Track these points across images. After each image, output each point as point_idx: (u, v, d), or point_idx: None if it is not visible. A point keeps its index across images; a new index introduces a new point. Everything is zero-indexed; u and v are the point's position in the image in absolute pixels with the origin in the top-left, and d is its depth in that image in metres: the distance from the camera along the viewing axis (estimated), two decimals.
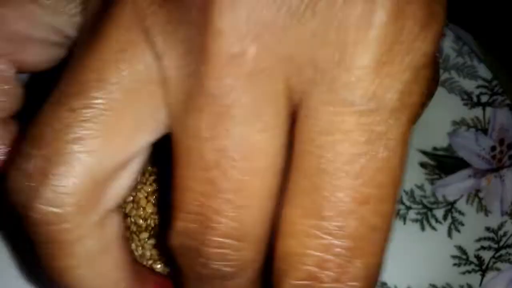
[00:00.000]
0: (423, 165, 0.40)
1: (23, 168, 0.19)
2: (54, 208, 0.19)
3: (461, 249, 0.37)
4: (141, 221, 0.29)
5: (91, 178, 0.19)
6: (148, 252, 0.29)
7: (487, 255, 0.36)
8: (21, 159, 0.19)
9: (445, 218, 0.38)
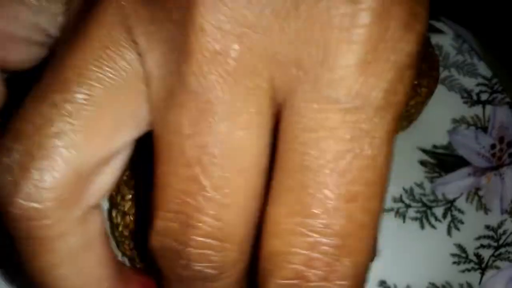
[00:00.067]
0: (422, 163, 0.40)
1: (3, 163, 0.19)
2: (35, 203, 0.19)
3: (460, 247, 0.37)
4: None
5: (72, 173, 0.19)
6: None
7: (486, 254, 0.36)
8: (1, 153, 0.19)
9: (444, 216, 0.38)
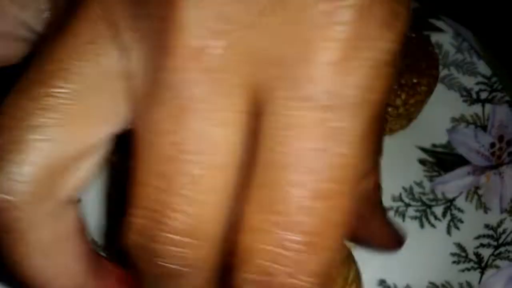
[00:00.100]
0: (422, 162, 0.40)
1: None
2: (7, 195, 0.19)
3: (460, 246, 0.37)
4: None
5: (46, 167, 0.19)
6: None
7: (486, 253, 0.36)
8: None
9: (444, 215, 0.38)
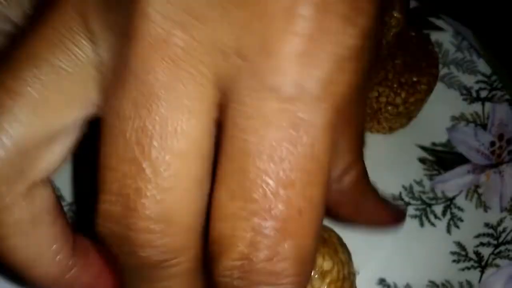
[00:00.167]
0: (422, 160, 0.40)
1: None
2: None
3: (460, 245, 0.37)
4: None
5: (16, 149, 0.19)
6: None
7: (486, 252, 0.36)
8: None
9: (444, 214, 0.38)
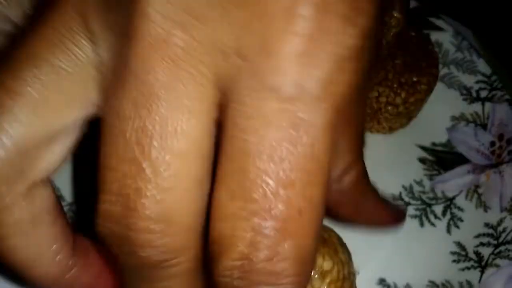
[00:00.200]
0: (422, 160, 0.40)
1: None
2: None
3: (460, 245, 0.37)
4: None
5: (16, 149, 0.19)
6: None
7: (486, 252, 0.36)
8: None
9: (444, 214, 0.38)
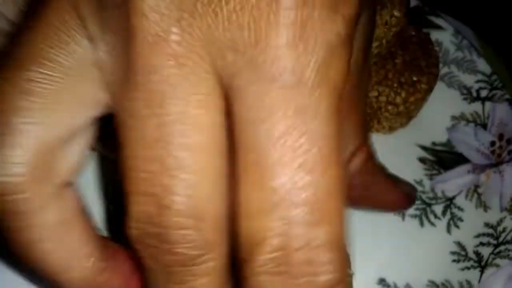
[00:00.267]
0: (422, 160, 0.40)
1: None
2: (5, 177, 0.19)
3: (460, 245, 0.37)
4: None
5: (38, 150, 0.19)
6: None
7: (486, 251, 0.36)
8: None
9: (444, 214, 0.38)
